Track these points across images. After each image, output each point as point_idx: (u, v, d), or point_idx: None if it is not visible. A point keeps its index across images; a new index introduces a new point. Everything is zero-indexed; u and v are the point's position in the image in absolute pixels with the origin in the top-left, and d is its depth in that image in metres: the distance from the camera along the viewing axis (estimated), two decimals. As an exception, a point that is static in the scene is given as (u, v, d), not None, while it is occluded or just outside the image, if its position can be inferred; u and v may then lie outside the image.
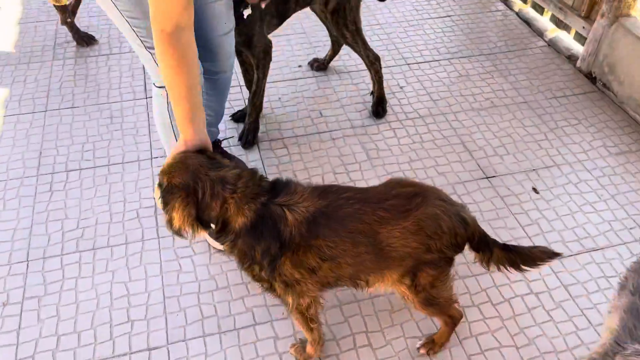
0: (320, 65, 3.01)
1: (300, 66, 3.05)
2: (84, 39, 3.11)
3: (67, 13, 2.99)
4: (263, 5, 1.92)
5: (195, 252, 2.10)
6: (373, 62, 2.65)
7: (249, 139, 2.49)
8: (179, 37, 1.45)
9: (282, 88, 2.89)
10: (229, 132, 2.61)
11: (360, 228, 1.47)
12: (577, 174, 2.48)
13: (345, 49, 3.01)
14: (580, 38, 3.18)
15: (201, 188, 1.46)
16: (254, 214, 1.47)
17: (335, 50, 2.93)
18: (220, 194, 1.47)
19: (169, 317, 1.89)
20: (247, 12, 2.06)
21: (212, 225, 1.53)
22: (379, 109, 2.74)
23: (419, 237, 1.48)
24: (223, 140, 2.42)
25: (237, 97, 2.83)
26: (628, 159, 2.56)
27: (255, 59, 2.29)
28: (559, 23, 3.34)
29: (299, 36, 3.29)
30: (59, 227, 2.16)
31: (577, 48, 3.20)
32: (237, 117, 2.67)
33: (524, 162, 2.52)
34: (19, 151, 2.47)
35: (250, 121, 2.49)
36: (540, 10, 3.48)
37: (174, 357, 1.79)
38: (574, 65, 3.13)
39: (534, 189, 2.40)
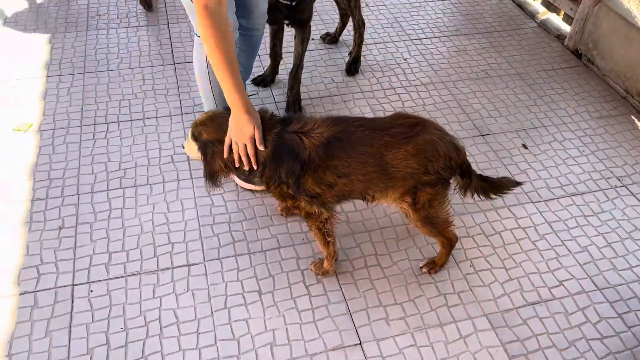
0: (332, 39, 3.30)
1: (313, 39, 3.34)
2: (148, 3, 3.47)
3: None
4: None
5: (225, 190, 2.38)
6: (360, 26, 3.00)
7: (296, 109, 2.78)
8: (220, 12, 1.68)
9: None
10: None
11: (369, 151, 1.76)
12: (562, 133, 2.77)
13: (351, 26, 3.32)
14: (568, 19, 3.48)
15: (228, 137, 1.79)
16: (271, 144, 1.76)
17: (344, 22, 3.23)
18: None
19: (204, 241, 2.17)
20: None
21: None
22: (352, 67, 3.08)
23: (418, 159, 1.76)
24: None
25: (256, 64, 3.11)
26: (608, 122, 2.86)
27: (305, 35, 2.59)
28: (549, 6, 3.65)
29: (311, 14, 3.58)
30: (103, 168, 2.44)
31: (566, 28, 3.50)
32: (257, 82, 2.96)
33: (515, 123, 2.82)
34: (62, 106, 2.75)
35: (294, 93, 2.76)
36: (532, -6, 3.79)
37: (211, 272, 2.07)
38: (562, 43, 3.44)
39: (524, 145, 2.69)
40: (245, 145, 1.76)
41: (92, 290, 1.98)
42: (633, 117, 2.90)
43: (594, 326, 1.96)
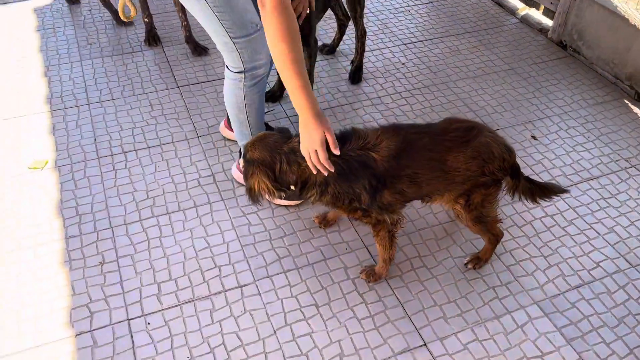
0: (329, 49, 3.35)
1: (311, 51, 3.38)
2: (154, 38, 3.33)
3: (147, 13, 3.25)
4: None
5: (259, 207, 2.38)
6: (362, 35, 3.08)
7: None
8: (291, 10, 1.65)
9: (299, 71, 3.21)
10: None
11: (433, 156, 1.81)
12: (566, 122, 2.90)
13: (347, 35, 3.39)
14: (548, 12, 3.64)
15: (278, 161, 1.81)
16: (335, 164, 1.78)
17: (342, 33, 3.28)
18: (295, 161, 1.80)
19: (250, 260, 2.17)
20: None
21: (292, 187, 1.86)
22: (355, 75, 3.15)
23: (477, 162, 1.82)
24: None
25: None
26: (604, 108, 3.01)
27: (310, 50, 2.61)
28: (528, 1, 3.81)
29: (304, 26, 3.61)
30: (131, 199, 2.40)
31: (546, 22, 3.67)
32: (266, 98, 2.97)
33: (520, 116, 2.94)
34: (74, 139, 2.69)
35: None
36: (510, -8, 3.94)
37: (263, 290, 2.07)
38: (545, 36, 3.59)
39: (533, 137, 2.81)
40: (317, 152, 1.73)
41: (149, 323, 1.95)
42: (626, 101, 3.06)
43: (637, 301, 2.07)
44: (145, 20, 3.26)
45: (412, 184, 1.82)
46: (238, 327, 1.95)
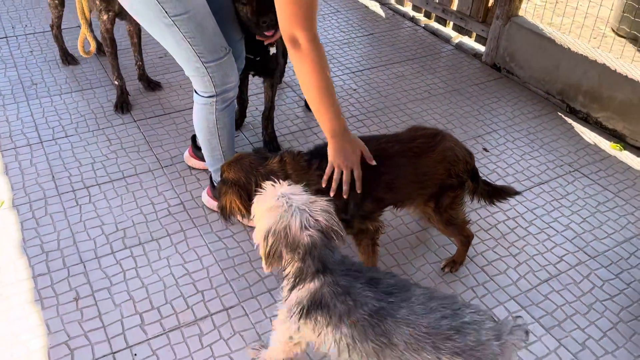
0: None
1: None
2: (124, 105, 3.09)
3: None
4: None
5: (234, 231, 2.37)
6: None
7: (274, 145, 2.85)
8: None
9: (257, 102, 3.26)
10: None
11: (405, 162, 1.90)
12: (511, 135, 3.12)
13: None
14: (480, 39, 3.93)
15: (254, 182, 1.83)
16: (318, 180, 1.83)
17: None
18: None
19: (232, 283, 2.15)
20: (272, 50, 2.55)
21: None
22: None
23: (444, 165, 1.94)
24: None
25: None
26: (542, 120, 3.26)
27: (274, 80, 2.71)
28: (460, 30, 4.10)
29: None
30: (100, 232, 2.32)
31: (479, 47, 3.95)
32: (227, 126, 2.99)
33: (470, 132, 3.12)
34: (31, 178, 2.57)
35: (269, 132, 2.85)
36: (443, 22, 4.23)
37: (250, 310, 2.04)
38: (480, 60, 3.87)
39: (485, 149, 2.99)
40: (351, 170, 1.77)
41: (135, 354, 1.87)
42: (560, 114, 3.33)
43: (601, 289, 2.22)
44: (116, 83, 3.07)
45: (388, 190, 1.90)
46: (230, 349, 1.91)
